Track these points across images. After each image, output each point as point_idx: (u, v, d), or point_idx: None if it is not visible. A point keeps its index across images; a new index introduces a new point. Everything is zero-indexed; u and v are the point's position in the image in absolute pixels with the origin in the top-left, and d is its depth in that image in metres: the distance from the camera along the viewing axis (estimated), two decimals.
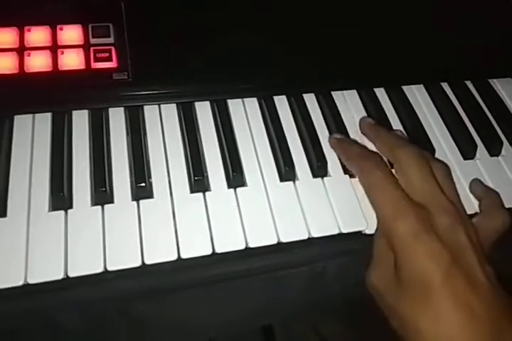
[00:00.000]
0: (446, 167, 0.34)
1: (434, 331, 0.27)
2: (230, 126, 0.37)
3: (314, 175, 0.35)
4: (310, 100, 0.39)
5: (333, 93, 0.40)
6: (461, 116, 0.40)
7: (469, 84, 0.43)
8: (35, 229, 0.31)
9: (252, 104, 0.39)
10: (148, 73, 0.37)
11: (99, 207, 0.32)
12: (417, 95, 0.41)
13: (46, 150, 0.34)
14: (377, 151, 0.35)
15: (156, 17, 0.40)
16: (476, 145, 0.38)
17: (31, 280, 0.29)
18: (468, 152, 0.38)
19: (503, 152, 0.39)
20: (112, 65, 0.37)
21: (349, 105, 0.40)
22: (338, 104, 0.39)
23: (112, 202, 0.32)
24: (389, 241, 0.30)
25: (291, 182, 0.35)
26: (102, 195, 0.32)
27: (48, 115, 0.35)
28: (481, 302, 0.27)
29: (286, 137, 0.37)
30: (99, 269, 0.29)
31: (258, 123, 0.37)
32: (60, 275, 0.29)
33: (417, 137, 0.38)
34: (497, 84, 0.44)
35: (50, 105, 0.35)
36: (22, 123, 0.35)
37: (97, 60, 0.37)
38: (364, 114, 0.39)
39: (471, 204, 0.35)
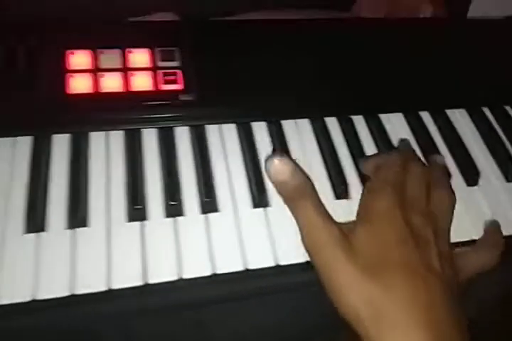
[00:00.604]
0: (450, 196, 0.35)
1: (383, 299, 0.28)
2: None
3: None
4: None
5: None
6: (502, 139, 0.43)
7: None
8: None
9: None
10: (213, 95, 0.39)
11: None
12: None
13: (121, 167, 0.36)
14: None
15: (218, 43, 0.43)
16: None
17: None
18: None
19: None
20: (178, 87, 0.39)
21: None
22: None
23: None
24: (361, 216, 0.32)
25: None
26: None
27: (121, 133, 0.37)
28: (428, 282, 0.28)
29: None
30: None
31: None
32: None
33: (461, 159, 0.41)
34: None
35: (121, 124, 0.38)
36: (97, 139, 0.37)
37: (165, 82, 0.39)
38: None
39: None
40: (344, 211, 0.35)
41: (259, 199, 0.35)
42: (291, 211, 0.33)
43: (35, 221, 0.32)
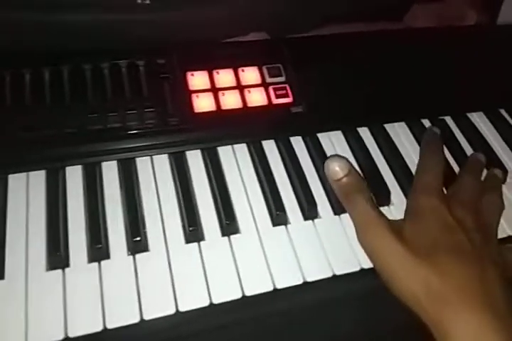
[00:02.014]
0: (500, 202, 0.38)
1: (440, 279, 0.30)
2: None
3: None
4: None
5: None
6: None
7: None
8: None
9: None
10: (318, 105, 0.42)
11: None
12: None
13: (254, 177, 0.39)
14: None
15: (312, 56, 0.46)
16: None
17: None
18: None
19: None
20: (288, 100, 0.43)
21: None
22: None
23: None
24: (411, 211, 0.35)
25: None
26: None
27: (244, 145, 0.41)
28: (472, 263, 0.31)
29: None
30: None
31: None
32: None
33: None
34: None
35: (243, 138, 0.41)
36: (225, 153, 0.40)
37: (277, 96, 0.43)
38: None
39: None
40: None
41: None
42: (346, 207, 0.36)
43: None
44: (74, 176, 0.37)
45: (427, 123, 0.45)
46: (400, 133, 0.44)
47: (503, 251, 0.35)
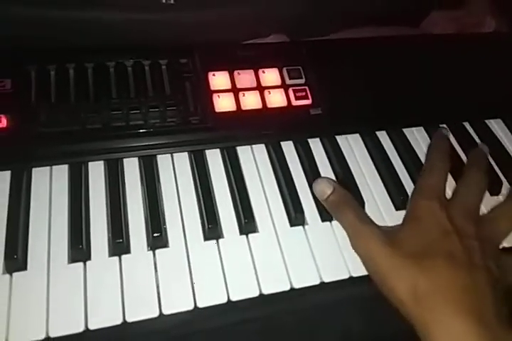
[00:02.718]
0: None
1: (427, 281, 0.30)
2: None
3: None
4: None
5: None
6: None
7: None
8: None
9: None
10: (337, 107, 0.43)
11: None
12: None
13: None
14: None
15: (331, 59, 0.46)
16: None
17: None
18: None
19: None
20: (308, 102, 0.43)
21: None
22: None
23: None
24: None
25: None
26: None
27: (263, 145, 0.41)
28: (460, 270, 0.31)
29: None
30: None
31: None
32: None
33: None
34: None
35: (262, 138, 0.41)
36: (244, 153, 0.40)
37: (297, 98, 0.43)
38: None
39: None
40: None
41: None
42: (338, 221, 0.37)
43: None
44: (96, 171, 0.37)
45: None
46: (418, 137, 0.44)
47: (505, 260, 0.35)
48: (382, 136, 0.44)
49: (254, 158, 0.41)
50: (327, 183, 0.38)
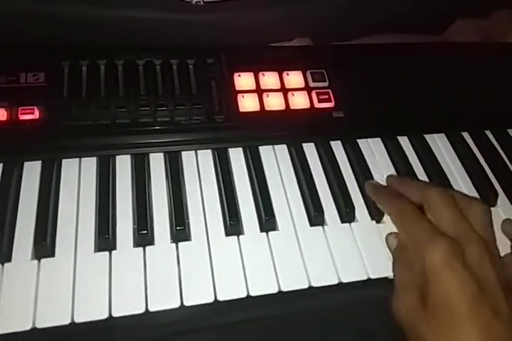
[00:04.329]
0: (481, 205, 0.35)
1: None
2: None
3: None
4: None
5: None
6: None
7: None
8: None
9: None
10: (359, 111, 0.44)
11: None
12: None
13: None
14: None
15: (354, 64, 0.47)
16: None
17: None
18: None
19: None
20: (330, 105, 0.44)
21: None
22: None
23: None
24: (417, 266, 0.31)
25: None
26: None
27: (285, 146, 0.42)
28: (506, 333, 0.28)
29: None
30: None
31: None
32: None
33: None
34: None
35: (284, 139, 0.42)
36: (267, 152, 0.41)
37: (319, 100, 0.44)
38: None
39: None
40: None
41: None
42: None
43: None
44: (123, 164, 0.39)
45: (466, 136, 0.46)
46: (439, 144, 0.45)
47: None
48: (404, 141, 0.45)
49: (276, 158, 0.41)
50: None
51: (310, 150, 0.42)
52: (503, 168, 0.44)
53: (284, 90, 0.44)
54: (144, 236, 0.34)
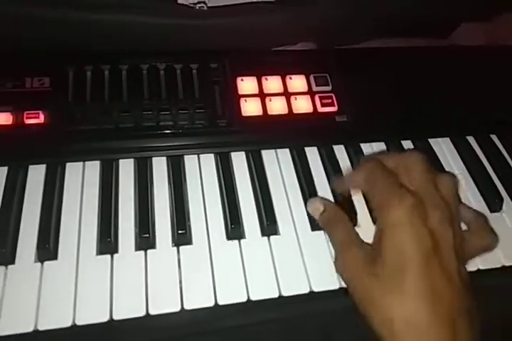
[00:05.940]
0: (454, 177, 0.35)
1: (402, 314, 0.28)
2: None
3: None
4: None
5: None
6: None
7: None
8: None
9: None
10: (362, 115, 0.44)
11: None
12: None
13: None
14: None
15: (358, 68, 0.47)
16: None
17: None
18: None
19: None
20: (333, 109, 0.44)
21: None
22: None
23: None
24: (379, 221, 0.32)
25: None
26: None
27: (287, 150, 0.42)
28: (452, 295, 0.29)
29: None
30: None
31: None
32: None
33: None
34: None
35: (287, 143, 0.42)
36: (269, 156, 0.41)
37: (322, 104, 0.44)
38: None
39: None
40: None
41: None
42: (329, 237, 0.36)
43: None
44: (126, 168, 0.39)
45: (471, 140, 0.46)
46: (444, 148, 0.45)
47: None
48: (408, 146, 0.45)
49: (278, 162, 0.42)
50: (319, 202, 0.37)
51: (312, 154, 0.42)
52: (508, 172, 0.44)
53: (287, 94, 0.44)
54: (145, 240, 0.35)
